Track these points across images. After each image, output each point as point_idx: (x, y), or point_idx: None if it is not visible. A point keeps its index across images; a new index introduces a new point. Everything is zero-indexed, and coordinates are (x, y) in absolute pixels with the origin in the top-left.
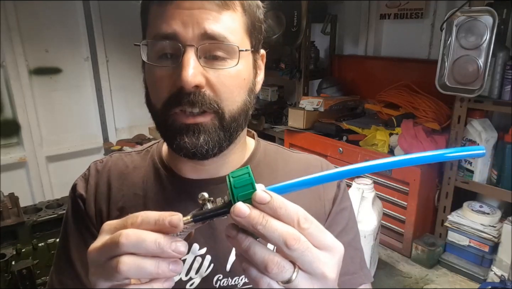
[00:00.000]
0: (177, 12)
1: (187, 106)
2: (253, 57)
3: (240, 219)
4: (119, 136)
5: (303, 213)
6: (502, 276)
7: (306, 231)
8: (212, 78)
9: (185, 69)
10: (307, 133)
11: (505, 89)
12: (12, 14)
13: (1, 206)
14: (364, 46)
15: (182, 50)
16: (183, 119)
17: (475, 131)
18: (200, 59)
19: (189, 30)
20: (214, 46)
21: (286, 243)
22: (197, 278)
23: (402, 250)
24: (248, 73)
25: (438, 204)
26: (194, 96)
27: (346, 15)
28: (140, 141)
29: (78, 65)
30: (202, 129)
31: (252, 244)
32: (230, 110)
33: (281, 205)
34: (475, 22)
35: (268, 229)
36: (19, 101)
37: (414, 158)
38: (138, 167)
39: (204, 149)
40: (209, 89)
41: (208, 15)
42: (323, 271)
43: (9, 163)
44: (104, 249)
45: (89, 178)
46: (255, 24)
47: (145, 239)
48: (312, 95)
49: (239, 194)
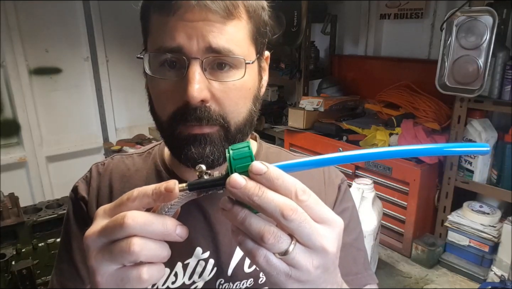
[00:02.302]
0: (181, 25)
1: (194, 122)
2: (258, 63)
3: (236, 190)
4: (119, 136)
5: (301, 186)
6: (502, 276)
7: (304, 203)
8: (217, 91)
9: (190, 84)
10: (307, 133)
11: (505, 89)
12: (12, 14)
13: (1, 206)
14: (364, 46)
15: (186, 63)
16: (190, 130)
17: (475, 131)
18: (205, 72)
19: (193, 43)
20: (219, 59)
21: (283, 213)
22: (200, 282)
23: (402, 250)
24: (253, 82)
25: (438, 204)
26: (200, 112)
27: (346, 15)
28: (140, 141)
29: (78, 65)
30: (209, 140)
31: (248, 215)
32: (235, 122)
33: (278, 176)
34: (475, 22)
35: (264, 200)
36: (19, 101)
37: (417, 149)
38: (140, 169)
39: (210, 159)
40: (214, 103)
41: (212, 27)
42: (323, 244)
43: (9, 163)
44: (108, 232)
45: (91, 180)
46: (260, 30)
47: (153, 221)
48: (312, 95)
49: (237, 166)
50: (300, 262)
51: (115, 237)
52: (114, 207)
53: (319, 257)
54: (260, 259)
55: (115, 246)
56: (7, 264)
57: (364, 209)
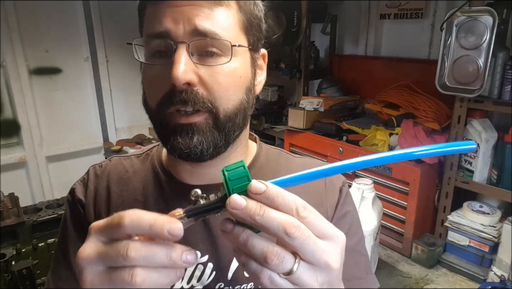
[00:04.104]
0: (169, 10)
1: (179, 105)
2: (252, 56)
3: (237, 211)
4: (119, 136)
5: (301, 202)
6: (502, 276)
7: (305, 219)
8: (205, 75)
9: (175, 66)
10: (307, 133)
11: (505, 89)
12: (12, 14)
13: (1, 206)
14: (364, 46)
15: (174, 47)
16: (177, 119)
17: (475, 131)
18: (192, 56)
19: (180, 27)
20: (206, 43)
21: (286, 231)
22: (198, 286)
23: (402, 250)
24: (244, 71)
25: (438, 204)
26: (186, 94)
27: (346, 15)
28: (140, 141)
29: (78, 65)
30: (196, 129)
31: (250, 236)
32: (224, 109)
33: (278, 194)
34: (475, 22)
35: (267, 219)
36: (19, 101)
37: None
38: (138, 171)
39: (198, 149)
40: (202, 88)
41: (199, 12)
42: (327, 260)
43: (9, 163)
44: (108, 259)
45: (88, 182)
46: (252, 22)
47: (156, 253)
48: (312, 95)
49: (234, 186)
50: (305, 280)
51: (115, 265)
52: (106, 227)
53: (323, 274)
54: (265, 280)
55: (116, 274)
56: (7, 264)
57: (364, 209)
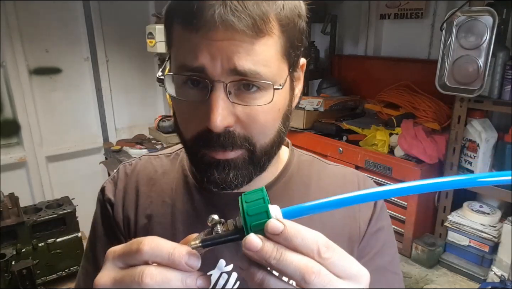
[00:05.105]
0: (204, 44)
1: (218, 149)
2: (291, 78)
3: (252, 253)
4: (119, 136)
5: (324, 241)
6: (502, 276)
7: (328, 260)
8: (243, 115)
9: (213, 112)
10: (307, 133)
11: (505, 89)
12: (12, 14)
13: (1, 206)
14: (364, 46)
15: (209, 85)
16: (213, 154)
17: (475, 131)
18: (229, 95)
19: (217, 65)
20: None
21: (304, 277)
22: None
23: (402, 250)
24: (283, 102)
25: (438, 204)
26: (224, 138)
27: (346, 15)
28: (140, 141)
29: (78, 65)
30: (233, 165)
31: (265, 277)
32: (261, 145)
33: (297, 234)
34: (475, 22)
35: (283, 263)
36: (19, 101)
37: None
38: (167, 172)
39: (234, 184)
40: (239, 126)
41: (238, 48)
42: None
43: (9, 163)
44: (122, 285)
45: (118, 181)
46: (294, 43)
47: (171, 279)
48: (312, 95)
49: (252, 223)
50: None
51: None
52: (124, 253)
53: None
54: None
55: None
56: (7, 264)
57: None
